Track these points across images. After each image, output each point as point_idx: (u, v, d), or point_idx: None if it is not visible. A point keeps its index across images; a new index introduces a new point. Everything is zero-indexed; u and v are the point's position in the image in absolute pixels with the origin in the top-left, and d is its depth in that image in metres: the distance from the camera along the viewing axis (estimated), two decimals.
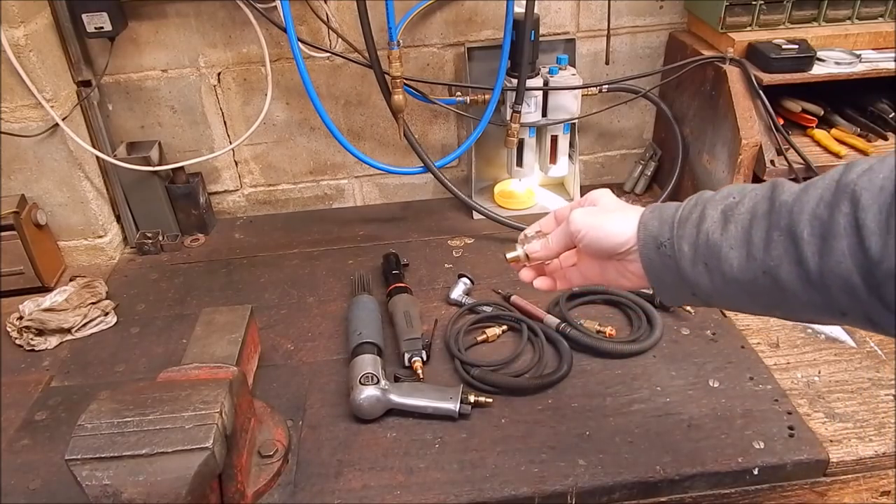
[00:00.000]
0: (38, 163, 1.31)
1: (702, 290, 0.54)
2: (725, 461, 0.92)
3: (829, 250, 0.43)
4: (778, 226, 0.47)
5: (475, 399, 1.00)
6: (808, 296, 0.46)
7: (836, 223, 0.43)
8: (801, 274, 0.46)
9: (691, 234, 0.54)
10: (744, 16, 1.31)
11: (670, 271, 0.56)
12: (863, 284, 0.42)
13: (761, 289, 0.49)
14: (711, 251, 0.51)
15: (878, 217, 0.40)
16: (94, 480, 0.73)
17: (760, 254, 0.48)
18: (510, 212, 1.54)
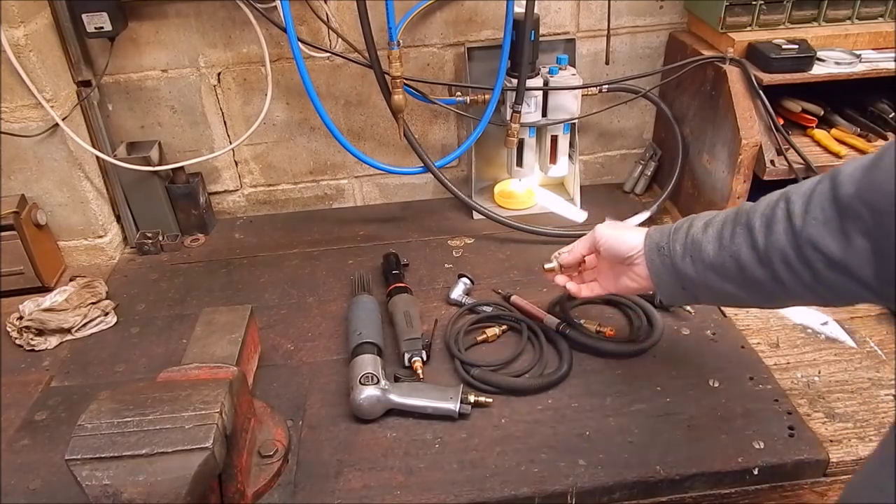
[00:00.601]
0: (38, 163, 1.31)
1: (689, 279, 0.73)
2: (725, 461, 0.92)
3: (771, 232, 0.63)
4: (740, 223, 0.66)
5: (475, 399, 1.00)
6: (760, 272, 0.64)
7: (776, 214, 0.62)
8: (754, 254, 0.64)
9: (682, 238, 0.73)
10: (744, 16, 1.31)
11: (666, 268, 0.75)
12: (794, 253, 0.61)
13: (729, 271, 0.67)
14: (695, 246, 0.71)
15: (801, 205, 0.60)
16: (94, 480, 0.73)
17: (727, 243, 0.67)
18: (510, 212, 1.54)
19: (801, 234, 0.59)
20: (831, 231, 0.57)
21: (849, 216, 0.55)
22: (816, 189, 0.59)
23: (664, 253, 0.75)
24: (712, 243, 0.68)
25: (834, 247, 0.57)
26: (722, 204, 1.30)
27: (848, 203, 0.55)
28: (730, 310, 1.21)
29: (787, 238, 0.61)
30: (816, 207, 0.59)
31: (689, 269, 0.71)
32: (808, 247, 0.59)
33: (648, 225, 1.43)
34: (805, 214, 0.59)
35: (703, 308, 1.20)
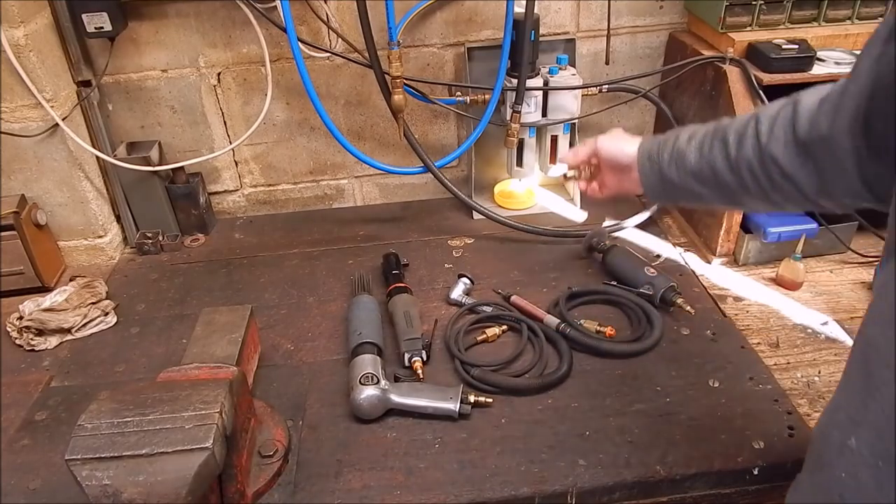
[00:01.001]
0: (38, 163, 1.31)
1: (672, 184, 0.83)
2: (725, 461, 0.92)
3: (741, 146, 0.74)
4: (717, 137, 0.78)
5: (475, 399, 1.00)
6: (730, 177, 0.76)
7: (747, 132, 0.74)
8: (726, 163, 0.76)
9: (669, 148, 0.84)
10: (744, 16, 1.31)
11: (655, 174, 0.85)
12: (758, 164, 0.73)
13: (706, 177, 0.79)
14: (679, 155, 0.82)
15: (767, 125, 0.72)
16: (94, 480, 0.73)
17: (706, 153, 0.78)
18: (510, 212, 1.54)
19: (764, 149, 0.72)
20: (788, 151, 0.70)
21: (800, 142, 0.68)
22: (780, 113, 0.71)
23: (654, 161, 0.85)
24: (694, 154, 0.80)
25: (788, 163, 0.70)
26: None
27: (800, 133, 0.68)
28: (730, 310, 1.21)
29: (753, 152, 0.73)
30: (779, 129, 0.70)
31: (673, 174, 0.83)
32: (769, 160, 0.71)
33: (649, 226, 1.45)
34: (770, 134, 0.71)
35: (703, 308, 1.20)
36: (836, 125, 0.63)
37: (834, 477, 0.58)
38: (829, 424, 0.61)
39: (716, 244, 1.34)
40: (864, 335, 0.57)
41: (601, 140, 0.95)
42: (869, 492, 0.54)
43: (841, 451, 0.57)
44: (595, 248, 1.34)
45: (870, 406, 0.54)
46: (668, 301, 1.18)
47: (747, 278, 1.30)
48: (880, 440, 0.53)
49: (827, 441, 0.61)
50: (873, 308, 0.57)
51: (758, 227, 1.30)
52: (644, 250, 1.38)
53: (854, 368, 0.59)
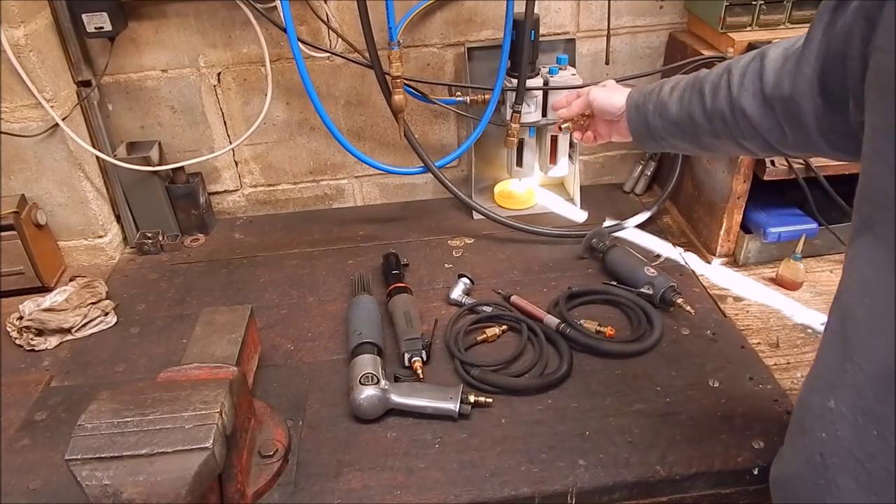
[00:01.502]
0: (38, 163, 1.31)
1: (657, 131, 0.91)
2: (725, 461, 0.92)
3: (715, 96, 0.81)
4: (695, 88, 0.84)
5: (475, 399, 1.00)
6: (705, 125, 0.83)
7: (720, 83, 0.80)
8: (703, 112, 0.83)
9: (654, 99, 0.90)
10: (744, 16, 1.31)
11: (642, 122, 0.92)
12: (729, 114, 0.79)
13: (685, 125, 0.86)
14: (663, 106, 0.88)
15: (738, 77, 0.78)
16: (94, 480, 0.73)
17: (686, 103, 0.85)
18: (510, 212, 1.54)
19: (735, 101, 0.78)
20: (755, 102, 0.76)
21: (766, 97, 0.74)
22: (750, 66, 0.77)
23: (640, 111, 0.92)
24: (675, 104, 0.87)
25: (755, 114, 0.76)
26: (722, 204, 1.30)
27: (766, 88, 0.74)
28: (730, 310, 1.21)
29: (725, 102, 0.79)
30: (748, 82, 0.76)
31: (657, 123, 0.90)
32: (739, 111, 0.78)
33: (649, 226, 1.46)
34: (740, 86, 0.77)
35: (703, 308, 1.20)
36: (796, 87, 0.70)
37: (814, 439, 0.62)
38: (809, 391, 0.65)
39: (716, 244, 1.34)
40: (840, 305, 0.61)
41: (594, 92, 1.00)
42: (846, 446, 0.58)
43: (821, 414, 0.61)
44: (595, 248, 1.34)
45: (848, 369, 0.58)
46: (668, 301, 1.18)
47: (747, 278, 1.30)
48: (860, 398, 0.57)
49: (807, 407, 0.65)
50: (846, 280, 0.61)
51: (758, 227, 1.31)
52: (644, 250, 1.38)
53: (831, 338, 0.63)
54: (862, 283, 0.58)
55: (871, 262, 0.56)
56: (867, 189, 0.58)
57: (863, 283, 0.58)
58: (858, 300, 0.58)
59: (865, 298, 0.57)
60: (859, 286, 0.59)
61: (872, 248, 0.56)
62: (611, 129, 1.02)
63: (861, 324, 0.57)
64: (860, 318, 0.57)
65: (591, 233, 1.35)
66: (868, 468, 0.56)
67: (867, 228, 0.57)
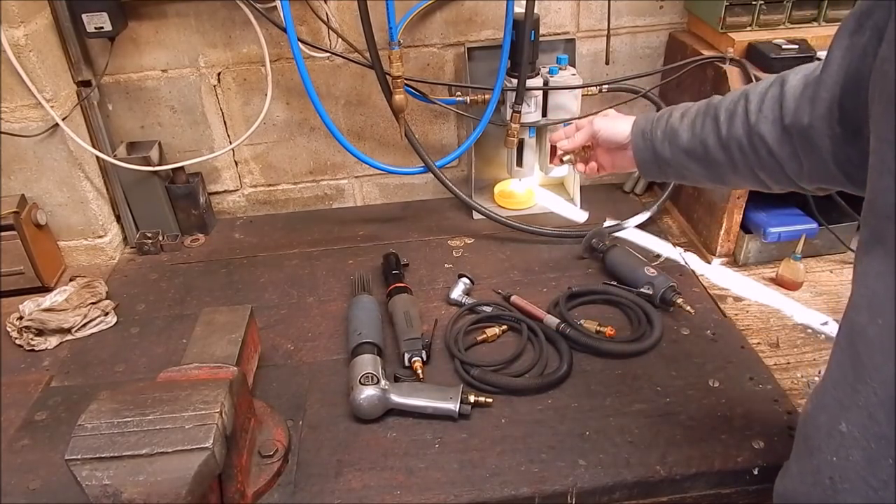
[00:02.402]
0: (38, 163, 1.31)
1: (664, 160, 0.87)
2: (725, 461, 0.92)
3: (732, 124, 0.77)
4: (709, 115, 0.80)
5: (475, 399, 1.00)
6: (720, 154, 0.79)
7: (737, 110, 0.77)
8: (717, 140, 0.79)
9: (662, 125, 0.87)
10: (744, 16, 1.31)
11: (648, 150, 0.88)
12: (746, 142, 0.76)
13: (697, 154, 0.82)
14: (673, 132, 0.84)
15: (756, 104, 0.74)
16: (94, 480, 0.73)
17: (698, 131, 0.81)
18: (510, 212, 1.54)
19: (753, 128, 0.74)
20: (775, 129, 0.73)
21: (785, 126, 0.71)
22: (769, 92, 0.74)
23: (647, 138, 0.88)
24: (686, 131, 0.83)
25: (774, 142, 0.73)
26: (722, 204, 1.30)
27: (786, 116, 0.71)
28: (730, 310, 1.21)
29: (743, 130, 0.76)
30: (767, 108, 0.73)
31: (666, 151, 0.86)
32: (757, 138, 0.74)
33: (649, 226, 1.45)
34: (758, 113, 0.74)
35: (703, 308, 1.20)
36: (814, 114, 0.67)
37: (824, 461, 0.60)
38: (817, 409, 0.63)
39: (716, 244, 1.34)
40: (850, 323, 0.59)
41: (598, 122, 0.97)
42: (859, 471, 0.56)
43: (830, 435, 0.59)
44: (595, 248, 1.34)
45: (860, 390, 0.56)
46: (668, 301, 1.18)
47: (747, 278, 1.30)
48: (873, 422, 0.55)
49: (815, 425, 0.62)
50: (856, 297, 0.59)
51: (758, 227, 1.30)
52: (644, 250, 1.38)
53: (841, 355, 0.60)
54: (872, 301, 0.56)
55: (881, 277, 0.54)
56: (875, 203, 0.55)
57: (873, 300, 0.55)
58: (869, 319, 0.55)
59: (878, 318, 0.54)
60: (869, 303, 0.56)
61: (882, 264, 0.54)
62: (614, 159, 0.98)
63: (873, 344, 0.55)
64: (872, 338, 0.55)
65: (591, 233, 1.35)
66: (882, 496, 0.54)
67: (876, 243, 0.55)
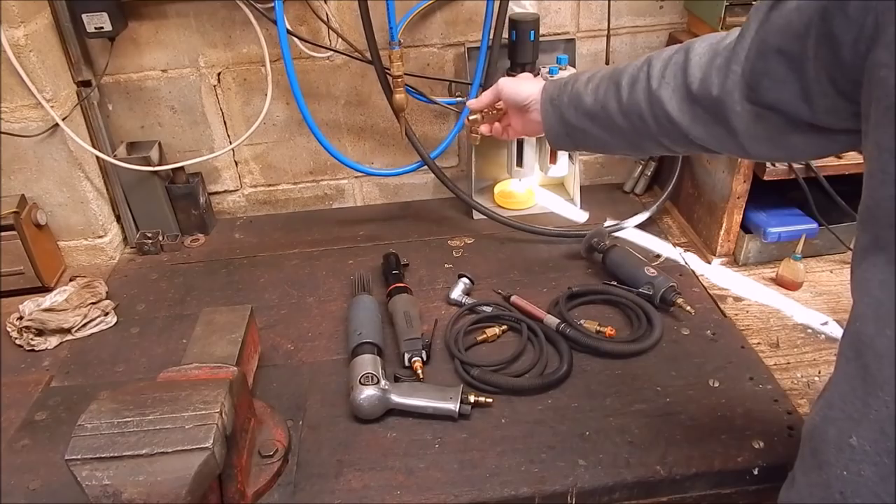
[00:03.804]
0: (38, 163, 1.31)
1: (571, 126, 0.86)
2: (725, 461, 0.92)
3: (633, 90, 0.77)
4: (612, 80, 0.81)
5: (475, 399, 1.00)
6: (622, 120, 0.78)
7: (639, 76, 0.76)
8: (618, 106, 0.78)
9: (569, 91, 0.86)
10: (744, 16, 1.30)
11: (556, 116, 0.87)
12: (647, 108, 0.75)
13: (600, 119, 0.81)
14: (578, 98, 0.84)
15: (659, 70, 0.74)
16: (94, 480, 0.73)
17: (601, 95, 0.81)
18: (510, 212, 1.54)
19: (654, 94, 0.74)
20: (676, 97, 0.72)
21: (690, 94, 0.71)
22: (673, 58, 0.73)
23: (555, 104, 0.87)
24: (590, 96, 0.82)
25: (674, 109, 0.73)
26: (722, 204, 1.30)
27: (691, 84, 0.70)
28: (730, 310, 1.21)
29: (643, 96, 0.75)
30: (670, 75, 0.73)
31: (572, 116, 0.85)
32: (657, 105, 0.74)
33: (649, 226, 1.45)
34: (660, 79, 0.74)
35: (703, 308, 1.20)
36: (724, 87, 0.66)
37: (834, 475, 0.58)
38: (825, 422, 0.61)
39: (716, 244, 1.34)
40: (856, 334, 0.57)
41: (502, 81, 0.97)
42: (871, 487, 0.55)
43: (840, 449, 0.57)
44: (595, 248, 1.34)
45: (871, 403, 0.54)
46: (668, 301, 1.18)
47: (747, 278, 1.31)
48: (885, 436, 0.53)
49: (823, 439, 0.60)
50: (859, 306, 0.57)
51: (758, 227, 1.31)
52: (644, 250, 1.38)
53: (847, 366, 0.59)
54: (878, 311, 0.54)
55: (885, 286, 0.53)
56: (876, 210, 0.54)
57: (879, 310, 0.54)
58: (877, 330, 0.54)
59: (886, 329, 0.53)
60: (875, 314, 0.54)
61: (885, 272, 0.53)
62: (524, 122, 0.98)
63: (883, 357, 0.53)
64: (882, 350, 0.53)
65: (591, 233, 1.35)
66: None
67: (878, 250, 0.54)
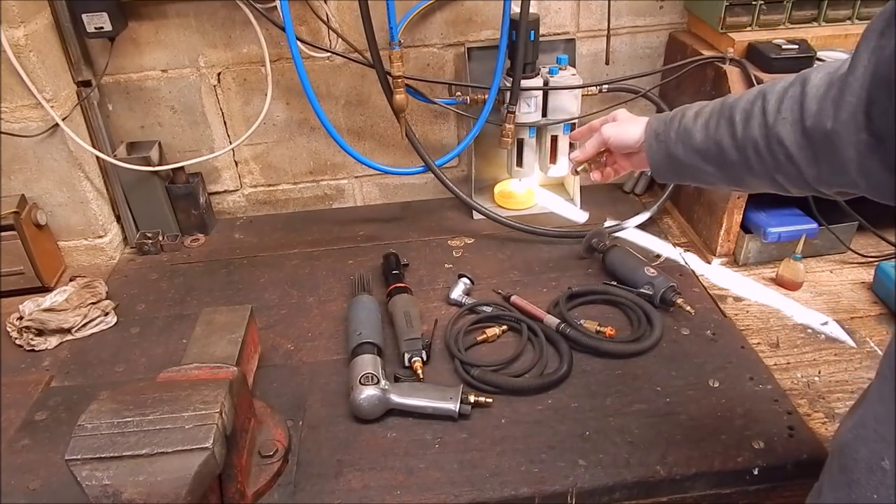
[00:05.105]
0: (38, 163, 1.31)
1: (679, 162, 0.84)
2: (725, 461, 0.92)
3: (748, 125, 0.74)
4: (724, 115, 0.77)
5: (475, 399, 1.00)
6: (735, 156, 0.76)
7: (754, 110, 0.73)
8: (732, 142, 0.76)
9: (675, 126, 0.84)
10: (744, 16, 1.31)
11: (662, 152, 0.86)
12: (763, 144, 0.72)
13: (711, 155, 0.79)
14: (687, 133, 0.82)
15: (774, 104, 0.71)
16: (94, 480, 0.73)
17: (712, 132, 0.78)
18: (510, 212, 1.54)
19: (771, 129, 0.71)
20: (794, 132, 0.69)
21: (806, 129, 0.67)
22: (789, 92, 0.70)
23: (661, 140, 0.86)
24: (700, 132, 0.80)
25: (792, 145, 0.69)
26: (722, 204, 1.30)
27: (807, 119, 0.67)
28: (730, 310, 1.21)
29: (760, 131, 0.72)
30: (786, 109, 0.69)
31: (679, 152, 0.83)
32: (775, 141, 0.71)
33: (649, 226, 1.45)
34: (777, 113, 0.70)
35: (703, 308, 1.20)
36: (839, 119, 0.63)
37: (864, 496, 0.58)
38: (857, 441, 0.60)
39: (716, 244, 1.34)
40: None
41: (606, 130, 0.95)
42: None
43: (871, 470, 0.57)
44: (595, 248, 1.34)
45: None
46: (668, 301, 1.18)
47: (747, 278, 1.30)
48: None
49: (854, 458, 0.59)
50: None
51: (758, 227, 1.30)
52: (644, 250, 1.38)
53: (884, 387, 0.58)
54: None
55: None
56: None
57: None
58: None
59: None
60: None
61: None
62: (631, 161, 0.96)
63: None
64: None
65: (591, 233, 1.35)
66: None
67: None
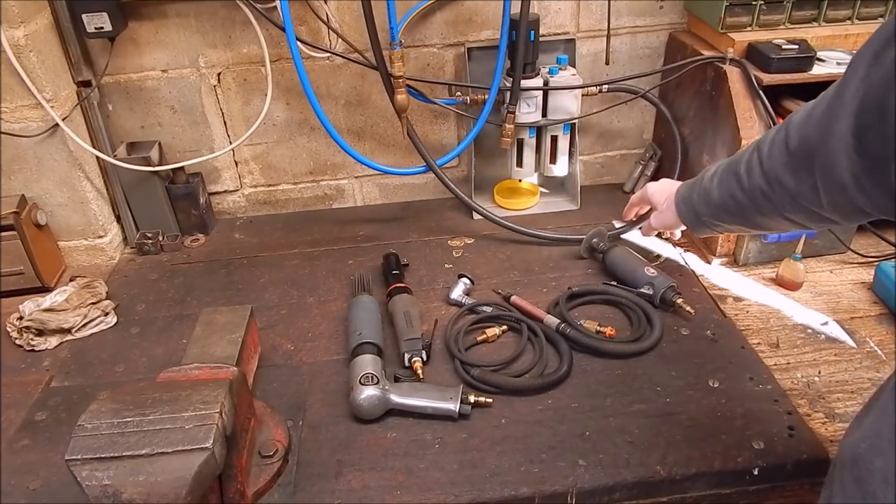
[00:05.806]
0: (38, 163, 1.31)
1: (705, 217, 0.93)
2: (725, 461, 0.92)
3: (751, 175, 0.80)
4: (731, 171, 0.85)
5: (475, 399, 1.00)
6: (749, 205, 0.82)
7: (752, 161, 0.80)
8: (743, 193, 0.82)
9: (698, 189, 0.94)
10: (744, 16, 1.31)
11: (691, 213, 0.96)
12: (768, 189, 0.77)
13: (730, 207, 0.86)
14: (707, 193, 0.91)
15: (767, 150, 0.77)
16: (94, 480, 0.73)
17: (725, 188, 0.86)
18: (510, 212, 1.54)
19: (769, 174, 0.76)
20: (789, 171, 0.73)
21: (797, 160, 0.71)
22: (776, 137, 0.75)
23: (688, 203, 0.96)
24: (716, 190, 0.89)
25: (791, 183, 0.73)
26: None
27: (794, 150, 0.71)
28: (730, 310, 1.21)
29: (762, 179, 0.78)
30: (776, 151, 0.75)
31: (703, 210, 0.93)
32: (776, 184, 0.75)
33: None
34: (769, 158, 0.76)
35: (703, 308, 1.20)
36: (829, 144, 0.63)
37: None
38: (872, 452, 0.60)
39: (716, 244, 1.34)
40: None
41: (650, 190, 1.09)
42: None
43: (887, 482, 0.57)
44: (595, 248, 1.34)
45: None
46: (668, 301, 1.18)
47: (747, 278, 1.30)
48: None
49: (867, 468, 0.60)
50: None
51: None
52: (644, 250, 1.38)
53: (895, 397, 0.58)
54: None
55: None
56: None
57: None
58: None
59: None
60: None
61: None
62: None
63: None
64: None
65: (591, 233, 1.35)
66: None
67: None
